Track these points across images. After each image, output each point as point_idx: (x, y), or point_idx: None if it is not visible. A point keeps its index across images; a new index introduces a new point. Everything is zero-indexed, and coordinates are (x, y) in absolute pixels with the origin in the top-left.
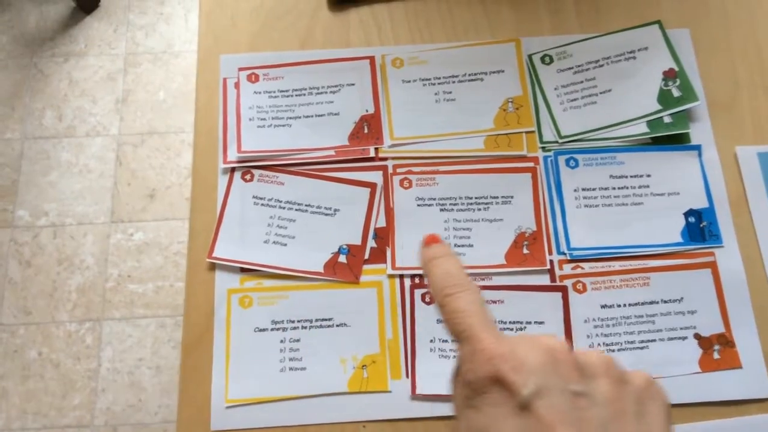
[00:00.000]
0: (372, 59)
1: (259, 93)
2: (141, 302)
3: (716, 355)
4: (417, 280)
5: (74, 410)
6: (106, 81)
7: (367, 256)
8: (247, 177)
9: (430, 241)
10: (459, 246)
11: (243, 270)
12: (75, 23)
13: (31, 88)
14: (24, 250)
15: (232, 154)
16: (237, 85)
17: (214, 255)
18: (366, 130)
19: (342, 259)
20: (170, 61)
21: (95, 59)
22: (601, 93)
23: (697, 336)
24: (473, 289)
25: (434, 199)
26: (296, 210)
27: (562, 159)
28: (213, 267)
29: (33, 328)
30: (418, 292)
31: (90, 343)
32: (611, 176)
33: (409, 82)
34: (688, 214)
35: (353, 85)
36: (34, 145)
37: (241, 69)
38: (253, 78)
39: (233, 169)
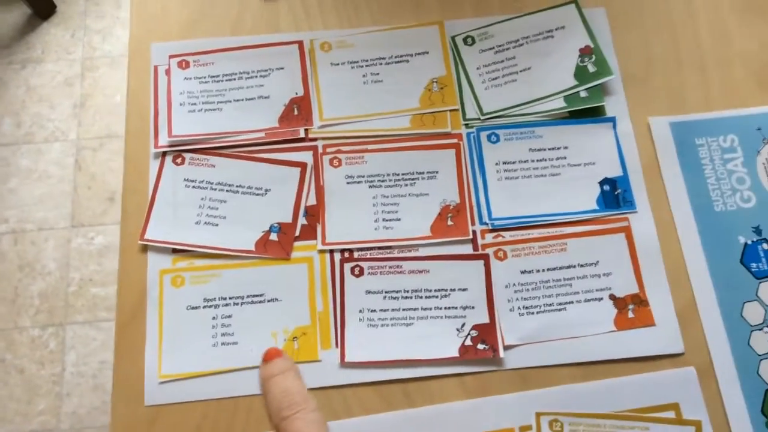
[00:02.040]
0: (301, 44)
1: (190, 79)
2: (104, 305)
3: (631, 314)
4: (347, 255)
5: (39, 415)
6: (64, 86)
7: (297, 233)
8: (179, 160)
9: (270, 356)
10: (387, 220)
11: (175, 251)
12: (32, 30)
13: None
14: None
15: (163, 139)
16: (168, 72)
17: (146, 237)
18: (296, 112)
19: (273, 237)
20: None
21: (53, 65)
22: (521, 71)
23: (612, 297)
24: (310, 407)
25: (363, 177)
26: (227, 191)
27: (484, 135)
28: (145, 249)
29: None
30: (347, 266)
31: (54, 348)
32: (530, 149)
33: (337, 65)
34: (603, 182)
35: (282, 69)
36: None
37: (171, 56)
38: (183, 65)
39: (164, 154)
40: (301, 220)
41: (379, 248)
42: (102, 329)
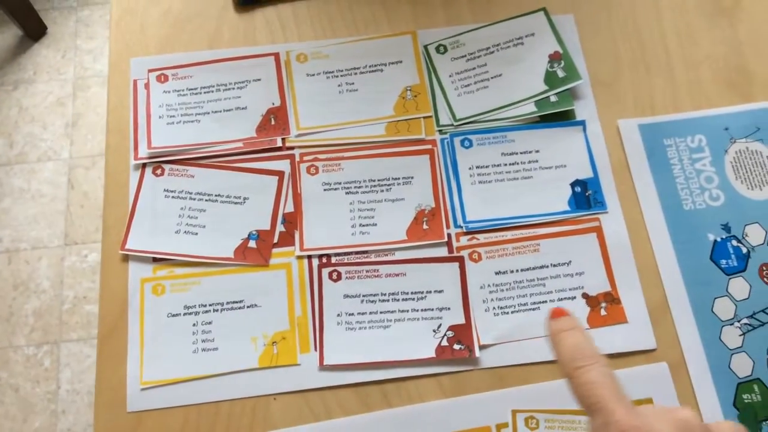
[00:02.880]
0: (277, 55)
1: (169, 92)
2: (98, 322)
3: (603, 312)
4: (325, 260)
5: None
6: (56, 106)
7: (276, 240)
8: (158, 172)
9: (557, 314)
10: (363, 225)
11: (155, 260)
12: (23, 51)
13: None
14: None
15: (143, 151)
16: (147, 86)
17: (126, 247)
18: (273, 122)
19: (252, 244)
20: None
21: (44, 85)
22: (492, 78)
23: (584, 295)
24: (603, 361)
25: (340, 183)
26: (206, 200)
27: (457, 140)
28: (126, 258)
29: None
30: (325, 271)
31: (48, 366)
32: (503, 153)
33: (313, 75)
34: (575, 184)
35: (259, 80)
36: None
37: (150, 70)
38: (162, 78)
39: (144, 165)
40: (279, 227)
41: (356, 253)
42: (96, 346)
